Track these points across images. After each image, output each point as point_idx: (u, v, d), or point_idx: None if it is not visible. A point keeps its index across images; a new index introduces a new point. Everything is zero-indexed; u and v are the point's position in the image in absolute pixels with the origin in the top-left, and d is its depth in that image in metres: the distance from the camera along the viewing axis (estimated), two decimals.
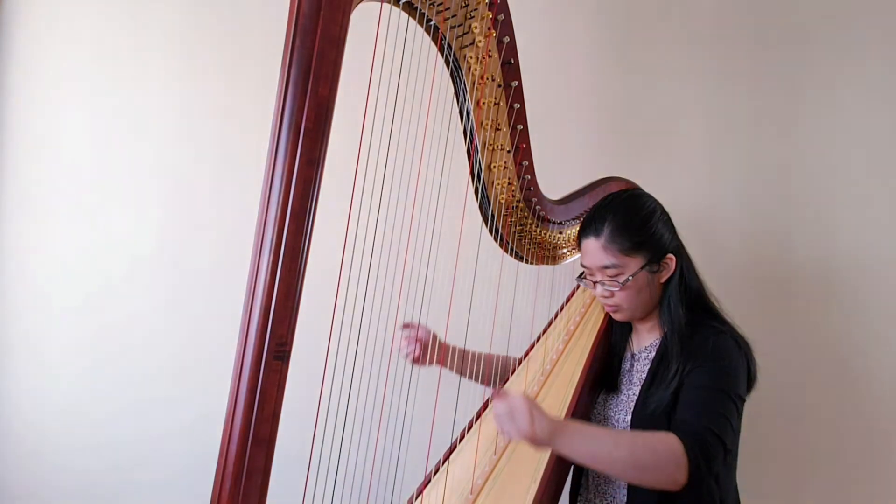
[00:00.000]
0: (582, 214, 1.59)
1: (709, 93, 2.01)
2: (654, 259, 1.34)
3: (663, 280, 1.37)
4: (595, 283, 1.37)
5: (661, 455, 1.12)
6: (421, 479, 1.35)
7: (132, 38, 2.21)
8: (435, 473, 1.35)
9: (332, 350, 1.00)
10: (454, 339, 1.51)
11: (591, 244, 1.35)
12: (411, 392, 1.41)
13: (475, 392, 1.53)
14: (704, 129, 2.02)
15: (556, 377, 1.46)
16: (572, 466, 1.44)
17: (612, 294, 1.35)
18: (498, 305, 1.62)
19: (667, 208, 1.44)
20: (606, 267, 1.33)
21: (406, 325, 1.52)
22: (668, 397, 1.27)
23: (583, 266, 1.41)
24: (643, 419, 1.30)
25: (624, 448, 1.12)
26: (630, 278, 1.32)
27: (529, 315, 1.69)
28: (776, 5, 1.98)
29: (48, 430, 2.23)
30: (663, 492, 1.21)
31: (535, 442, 1.09)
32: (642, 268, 1.33)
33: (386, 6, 1.03)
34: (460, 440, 1.42)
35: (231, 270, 2.07)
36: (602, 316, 1.55)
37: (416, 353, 1.50)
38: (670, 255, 1.35)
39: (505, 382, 1.55)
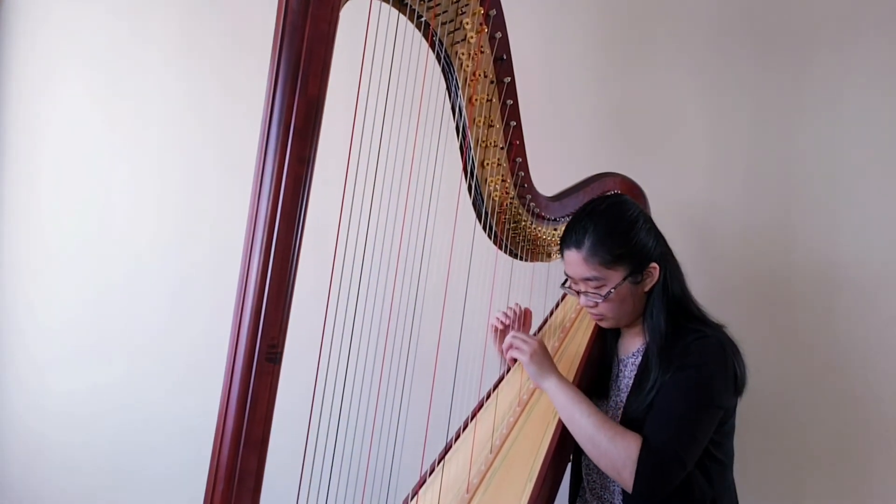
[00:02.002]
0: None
1: (710, 92, 2.00)
2: (637, 269, 1.32)
3: (647, 289, 1.35)
4: (579, 292, 1.36)
5: (616, 447, 1.20)
6: (416, 479, 1.35)
7: (129, 37, 2.20)
8: (430, 473, 1.34)
9: (325, 351, 0.99)
10: (448, 338, 1.50)
11: (573, 256, 1.33)
12: (406, 392, 1.40)
13: (470, 391, 1.53)
14: (706, 128, 2.01)
15: None
16: (570, 466, 1.43)
17: (596, 304, 1.34)
18: (492, 303, 1.61)
19: (667, 208, 1.43)
20: (588, 279, 1.32)
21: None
22: (645, 407, 1.27)
23: (566, 275, 1.39)
24: (629, 427, 1.29)
25: (591, 422, 1.24)
26: (612, 291, 1.31)
27: None
28: (778, 5, 1.97)
29: (47, 431, 2.23)
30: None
31: (529, 374, 1.35)
32: (624, 279, 1.31)
33: (375, 2, 1.02)
34: (455, 439, 1.41)
35: (227, 271, 2.07)
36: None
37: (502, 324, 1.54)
38: (654, 265, 1.33)
39: (500, 383, 1.54)
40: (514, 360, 1.42)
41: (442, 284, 1.35)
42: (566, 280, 1.41)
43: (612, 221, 1.32)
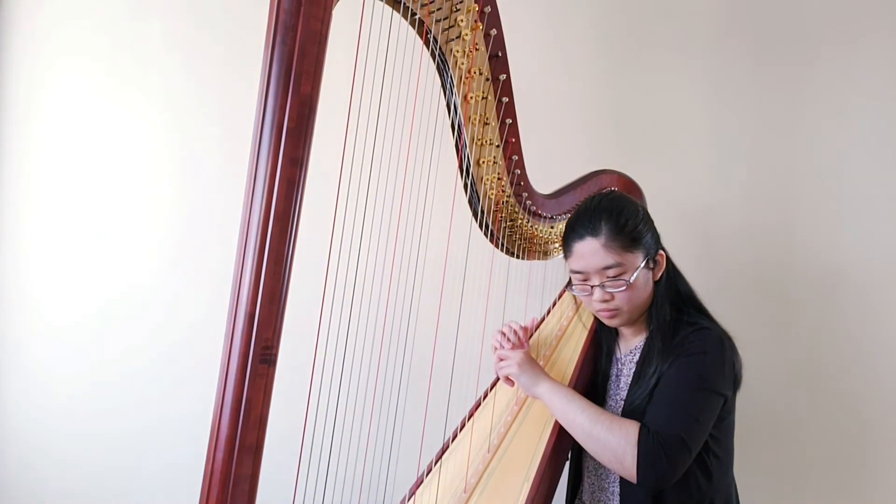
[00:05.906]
0: (574, 208, 1.57)
1: (711, 93, 2.00)
2: (650, 256, 1.32)
3: (657, 278, 1.34)
4: (593, 287, 1.31)
5: (614, 435, 1.18)
6: (413, 480, 1.34)
7: (129, 35, 2.18)
8: (428, 473, 1.33)
9: (320, 352, 0.98)
10: (445, 337, 1.49)
11: (589, 245, 1.29)
12: (402, 391, 1.40)
13: (466, 391, 1.52)
14: (707, 129, 2.00)
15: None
16: (567, 465, 1.43)
17: (613, 297, 1.30)
18: (489, 302, 1.61)
19: (668, 208, 1.42)
20: (609, 267, 1.28)
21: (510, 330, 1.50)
22: (647, 395, 1.26)
23: (575, 272, 1.34)
24: (630, 418, 1.29)
25: (586, 416, 1.23)
26: (636, 275, 1.29)
27: (521, 312, 1.68)
28: (779, 7, 1.96)
29: (47, 432, 2.22)
30: (654, 496, 1.20)
31: (522, 386, 1.35)
32: (643, 264, 1.30)
33: (369, 0, 1.01)
34: (453, 439, 1.41)
35: (228, 272, 2.06)
36: (591, 318, 1.53)
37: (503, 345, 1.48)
38: (661, 252, 1.34)
39: (497, 382, 1.54)
40: (510, 380, 1.39)
41: (438, 283, 1.34)
42: (569, 283, 1.38)
43: (623, 208, 1.32)
